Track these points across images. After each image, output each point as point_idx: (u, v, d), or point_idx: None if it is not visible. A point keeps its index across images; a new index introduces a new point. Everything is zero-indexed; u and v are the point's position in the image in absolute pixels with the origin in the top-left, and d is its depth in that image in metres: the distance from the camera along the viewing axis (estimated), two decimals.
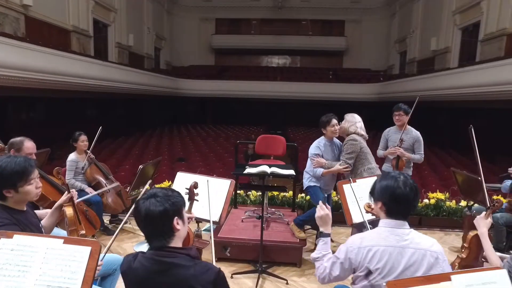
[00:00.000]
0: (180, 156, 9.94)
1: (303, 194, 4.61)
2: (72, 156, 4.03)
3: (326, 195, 3.56)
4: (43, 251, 1.45)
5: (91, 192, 3.90)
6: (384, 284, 1.24)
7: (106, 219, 4.34)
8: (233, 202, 4.41)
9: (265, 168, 3.03)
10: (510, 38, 10.75)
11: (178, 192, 1.47)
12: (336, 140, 3.57)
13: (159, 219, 1.34)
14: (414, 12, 16.82)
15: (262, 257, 3.15)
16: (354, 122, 3.37)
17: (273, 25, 21.04)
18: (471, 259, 2.45)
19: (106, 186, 4.10)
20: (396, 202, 1.59)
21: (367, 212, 2.06)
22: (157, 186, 4.68)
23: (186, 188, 2.12)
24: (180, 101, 18.28)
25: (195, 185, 2.14)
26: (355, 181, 2.73)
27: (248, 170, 3.04)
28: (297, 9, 21.25)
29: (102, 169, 4.22)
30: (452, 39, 13.79)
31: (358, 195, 2.67)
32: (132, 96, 13.38)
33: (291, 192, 4.49)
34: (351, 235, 3.12)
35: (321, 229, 1.85)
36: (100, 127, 4.29)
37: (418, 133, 3.76)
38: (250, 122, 18.79)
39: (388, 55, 20.60)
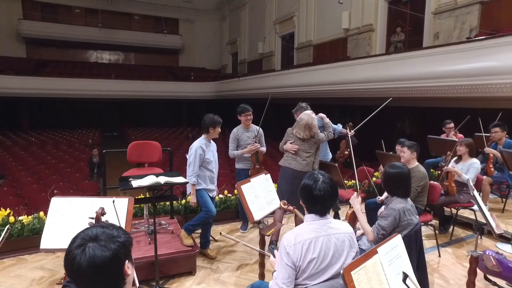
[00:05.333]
0: None
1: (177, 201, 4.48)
2: None
3: (212, 196, 3.60)
4: None
5: None
6: (345, 270, 1.41)
7: None
8: None
9: (155, 179, 2.80)
10: (315, 48, 13.43)
11: (119, 227, 1.21)
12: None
13: (109, 267, 1.05)
14: (242, 18, 18.52)
15: (158, 273, 2.93)
16: None
17: (101, 17, 18.94)
18: None
19: None
20: (313, 202, 1.81)
21: (281, 208, 2.21)
22: None
23: (91, 218, 1.76)
24: None
25: (102, 212, 1.78)
26: (250, 181, 2.90)
27: (138, 182, 2.74)
28: (128, 2, 19.91)
29: None
30: (275, 45, 15.98)
31: (255, 193, 2.85)
32: None
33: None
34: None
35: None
36: None
37: (259, 128, 4.25)
38: (81, 125, 16.64)
39: (221, 56, 21.98)
